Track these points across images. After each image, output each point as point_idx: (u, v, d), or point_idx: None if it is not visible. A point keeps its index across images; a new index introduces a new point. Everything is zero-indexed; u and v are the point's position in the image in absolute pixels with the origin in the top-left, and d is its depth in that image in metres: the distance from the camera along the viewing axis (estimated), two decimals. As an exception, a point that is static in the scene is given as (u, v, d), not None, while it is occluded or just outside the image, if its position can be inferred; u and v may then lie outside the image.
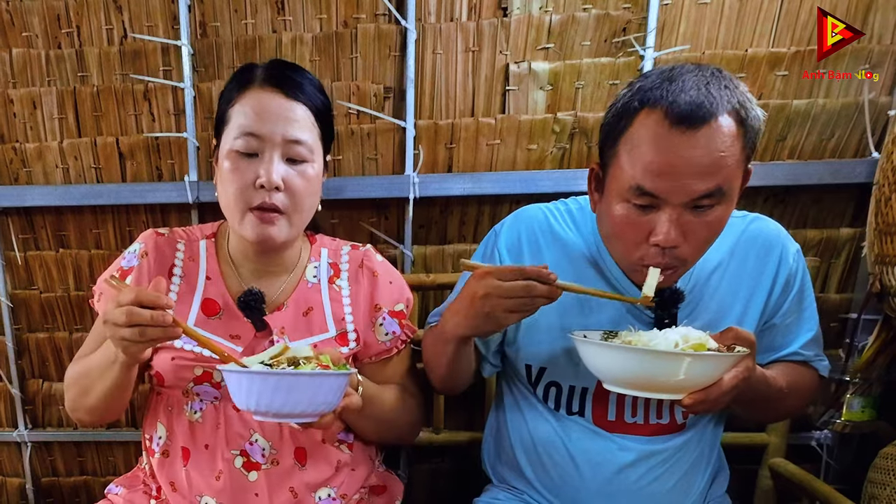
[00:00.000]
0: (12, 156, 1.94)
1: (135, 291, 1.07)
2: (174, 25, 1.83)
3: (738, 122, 1.07)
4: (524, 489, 1.42)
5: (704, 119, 1.04)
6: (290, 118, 1.25)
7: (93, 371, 1.25)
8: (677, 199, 1.08)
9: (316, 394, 1.08)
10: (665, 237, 1.10)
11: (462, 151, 1.83)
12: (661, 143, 1.06)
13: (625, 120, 1.12)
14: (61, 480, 2.19)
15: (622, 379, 1.09)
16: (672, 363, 1.04)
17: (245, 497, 1.33)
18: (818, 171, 1.71)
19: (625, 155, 1.11)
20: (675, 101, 1.05)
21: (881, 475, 1.53)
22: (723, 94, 1.06)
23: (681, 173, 1.06)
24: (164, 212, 1.94)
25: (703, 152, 1.04)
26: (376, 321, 1.41)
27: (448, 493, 1.99)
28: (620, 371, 1.09)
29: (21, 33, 1.89)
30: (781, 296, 1.31)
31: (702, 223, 1.11)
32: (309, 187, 1.29)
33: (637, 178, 1.09)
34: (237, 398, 1.10)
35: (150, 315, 1.05)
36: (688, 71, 1.09)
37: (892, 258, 1.48)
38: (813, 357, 1.36)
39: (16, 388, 2.08)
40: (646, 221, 1.12)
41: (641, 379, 1.07)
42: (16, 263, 2.02)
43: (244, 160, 1.25)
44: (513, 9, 1.76)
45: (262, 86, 1.27)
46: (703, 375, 1.05)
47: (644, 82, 1.12)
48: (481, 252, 1.43)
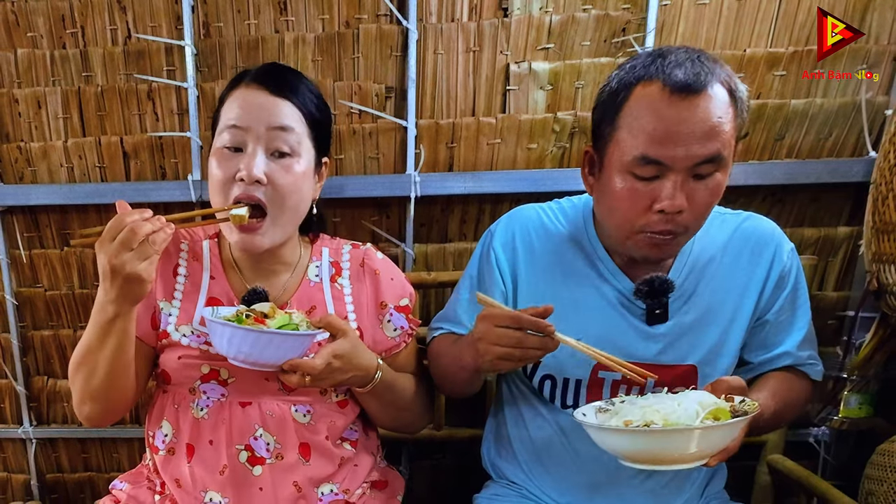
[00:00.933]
0: (17, 155, 1.94)
1: (116, 220, 1.09)
2: (178, 26, 1.84)
3: (730, 93, 1.11)
4: (523, 485, 1.42)
5: (702, 86, 1.08)
6: (275, 111, 1.25)
7: (91, 344, 1.21)
8: (681, 164, 1.10)
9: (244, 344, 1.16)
10: (671, 203, 1.11)
11: (463, 151, 1.83)
12: (662, 111, 1.09)
13: (622, 95, 1.14)
14: (66, 477, 2.20)
15: (635, 458, 1.07)
16: (683, 438, 1.02)
17: (249, 491, 1.33)
18: (816, 170, 1.72)
19: (625, 128, 1.14)
20: (673, 72, 1.09)
21: (878, 471, 1.53)
22: (713, 66, 1.11)
23: (683, 138, 1.08)
24: (168, 211, 1.90)
25: (703, 117, 1.08)
26: (384, 318, 1.42)
27: (449, 489, 2.00)
28: (631, 451, 1.07)
29: (26, 33, 1.89)
30: (774, 293, 1.31)
31: (703, 189, 1.13)
32: (293, 183, 1.27)
33: (640, 147, 1.11)
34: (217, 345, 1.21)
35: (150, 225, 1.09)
36: (676, 49, 1.13)
37: (888, 256, 1.48)
38: (806, 360, 1.36)
39: (21, 386, 2.08)
40: (649, 191, 1.13)
41: (656, 456, 1.05)
42: (21, 262, 2.02)
43: (228, 154, 1.25)
44: (513, 9, 1.77)
45: (248, 84, 1.27)
46: (723, 441, 1.04)
47: (635, 62, 1.16)
48: (478, 251, 1.44)
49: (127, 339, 1.20)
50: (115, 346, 1.19)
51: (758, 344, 1.35)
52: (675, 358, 1.31)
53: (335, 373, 1.23)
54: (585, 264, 1.33)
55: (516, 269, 1.37)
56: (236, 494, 1.33)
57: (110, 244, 1.07)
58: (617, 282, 1.31)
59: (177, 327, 1.33)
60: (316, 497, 1.37)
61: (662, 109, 1.09)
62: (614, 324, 1.31)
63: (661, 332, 1.30)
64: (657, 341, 1.30)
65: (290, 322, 1.20)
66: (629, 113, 1.13)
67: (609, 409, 1.15)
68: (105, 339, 1.18)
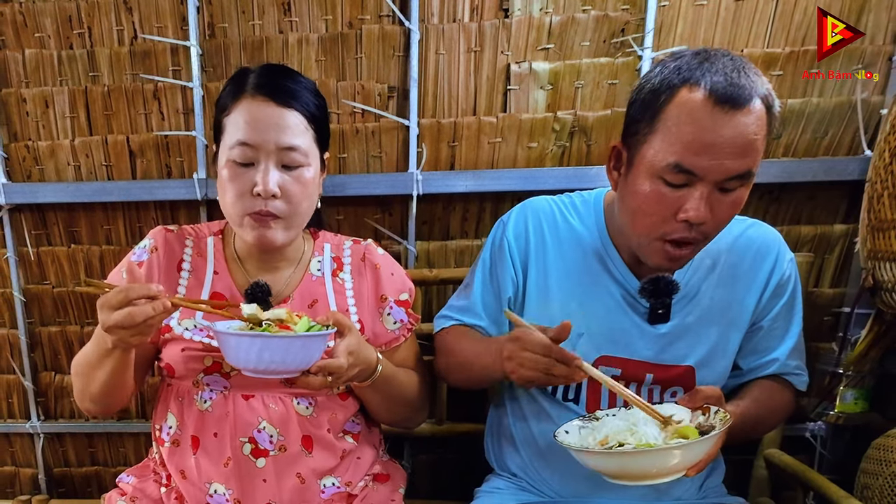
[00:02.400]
0: (25, 154, 1.94)
1: (124, 292, 1.07)
2: (183, 26, 1.84)
3: (767, 109, 1.08)
4: (525, 477, 1.43)
5: (746, 101, 1.05)
6: (283, 126, 1.24)
7: (91, 360, 1.25)
8: (712, 177, 1.09)
9: (276, 352, 1.12)
10: (696, 213, 1.10)
11: (464, 149, 1.83)
12: (703, 121, 1.06)
13: (664, 96, 1.11)
14: (73, 471, 2.20)
15: (621, 476, 1.09)
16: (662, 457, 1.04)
17: (253, 483, 1.33)
18: (812, 168, 1.72)
19: (662, 132, 1.11)
20: (718, 81, 1.06)
21: (874, 465, 1.54)
22: (756, 80, 1.07)
23: (719, 152, 1.07)
24: (174, 208, 1.95)
25: (740, 132, 1.06)
26: (384, 311, 1.42)
27: (450, 483, 2.00)
28: (617, 471, 1.09)
29: (34, 34, 1.89)
30: (772, 300, 1.31)
31: (726, 202, 1.12)
32: (305, 191, 1.29)
33: (676, 155, 1.09)
34: (225, 355, 1.16)
35: (150, 309, 1.06)
36: (723, 55, 1.10)
37: (884, 254, 1.48)
38: (793, 369, 1.37)
39: (28, 381, 2.09)
40: (675, 198, 1.12)
41: (639, 474, 1.07)
42: (29, 259, 2.03)
43: (241, 169, 1.25)
44: (514, 10, 1.77)
45: (253, 95, 1.25)
46: (696, 456, 1.06)
47: (679, 62, 1.11)
48: (490, 242, 1.44)
49: (125, 362, 1.22)
50: (113, 367, 1.21)
51: (750, 349, 1.35)
52: (674, 358, 1.31)
53: (349, 369, 1.23)
54: (595, 261, 1.33)
55: (528, 259, 1.37)
56: (240, 486, 1.34)
57: (109, 313, 1.06)
58: (624, 280, 1.31)
59: (179, 321, 1.33)
60: (319, 489, 1.37)
61: (704, 120, 1.06)
62: (617, 320, 1.32)
63: (662, 332, 1.30)
64: (658, 340, 1.31)
65: (316, 325, 1.19)
66: (669, 117, 1.10)
67: (587, 427, 1.19)
68: (104, 360, 1.21)
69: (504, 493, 1.42)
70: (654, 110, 1.12)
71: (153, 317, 1.07)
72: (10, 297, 2.04)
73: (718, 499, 1.40)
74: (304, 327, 1.16)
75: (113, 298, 1.07)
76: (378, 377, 1.31)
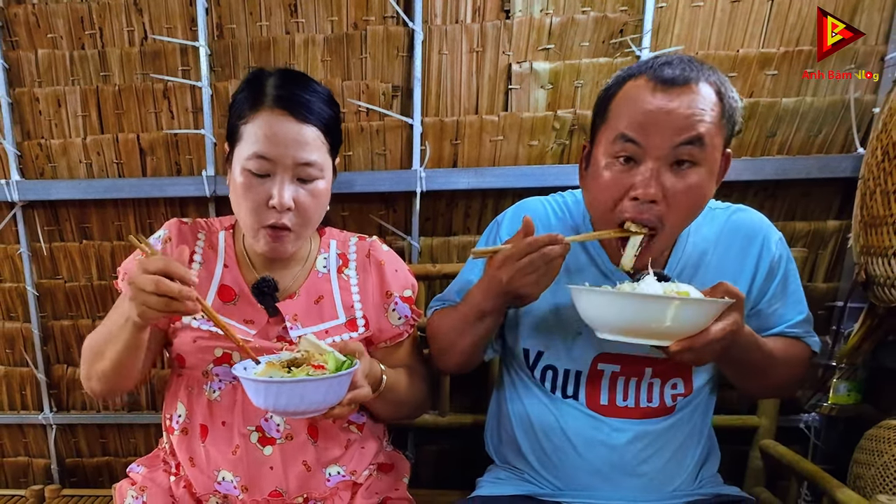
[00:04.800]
0: (38, 152, 1.95)
1: (164, 261, 1.07)
2: (192, 27, 1.84)
3: (717, 95, 1.11)
4: (524, 468, 1.43)
5: (685, 81, 1.09)
6: (301, 142, 1.24)
7: (106, 335, 1.25)
8: (656, 150, 1.10)
9: (315, 394, 1.12)
10: (644, 189, 1.11)
11: (467, 147, 1.83)
12: (645, 98, 1.11)
13: (612, 89, 1.17)
14: (85, 461, 2.21)
15: (613, 325, 1.09)
16: (659, 306, 1.04)
17: (260, 470, 1.34)
18: (806, 165, 1.72)
19: (612, 120, 1.15)
20: (661, 68, 1.11)
21: (866, 456, 1.53)
22: (704, 69, 1.11)
23: (661, 124, 1.09)
24: (183, 205, 1.95)
25: (682, 106, 1.09)
26: (389, 307, 1.42)
27: (452, 473, 2.00)
28: (610, 316, 1.09)
29: (46, 35, 1.90)
30: (765, 282, 1.30)
31: (681, 185, 1.12)
32: (318, 203, 1.29)
33: (621, 127, 1.13)
34: (254, 400, 1.15)
35: (178, 289, 1.05)
36: (678, 57, 1.14)
37: (876, 249, 1.48)
38: (803, 333, 1.34)
39: (41, 373, 2.09)
40: (627, 178, 1.14)
41: (631, 324, 1.06)
42: (41, 254, 2.03)
43: (257, 179, 1.24)
44: (515, 11, 1.77)
45: (272, 108, 1.23)
46: (690, 321, 1.05)
47: (632, 65, 1.19)
48: (484, 241, 1.44)
49: (139, 338, 1.21)
50: (126, 341, 1.20)
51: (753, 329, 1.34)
52: None
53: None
54: (586, 258, 1.32)
55: None
56: (248, 473, 1.34)
57: (142, 274, 1.07)
58: (614, 277, 1.30)
59: None
60: (325, 477, 1.37)
61: (646, 97, 1.11)
62: None
63: None
64: None
65: (347, 360, 1.19)
66: (617, 104, 1.15)
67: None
68: (119, 333, 1.21)
69: (504, 484, 1.42)
70: (605, 103, 1.18)
71: (176, 297, 1.06)
72: (24, 292, 2.04)
73: (714, 489, 1.39)
74: (334, 366, 1.17)
75: (152, 264, 1.07)
76: (384, 388, 1.32)
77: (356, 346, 1.23)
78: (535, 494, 1.39)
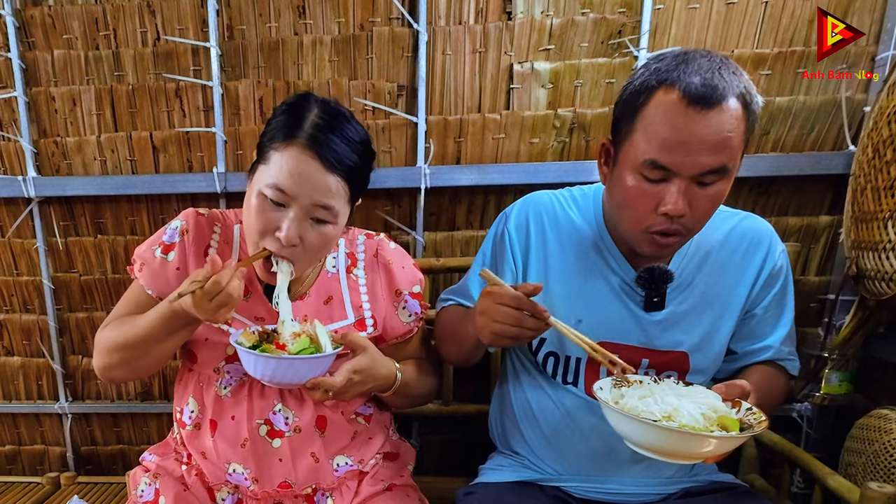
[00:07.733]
0: (54, 149, 1.95)
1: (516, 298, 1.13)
2: (203, 28, 1.84)
3: (744, 106, 1.07)
4: (526, 455, 1.42)
5: (717, 101, 1.05)
6: (323, 188, 1.19)
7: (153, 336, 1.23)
8: (687, 172, 1.09)
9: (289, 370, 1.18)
10: (674, 207, 1.10)
11: (469, 145, 1.84)
12: (677, 121, 1.06)
13: (643, 97, 1.11)
14: (99, 449, 2.22)
15: (648, 447, 1.05)
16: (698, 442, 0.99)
17: (269, 462, 1.33)
18: (799, 162, 1.72)
19: (641, 131, 1.11)
20: (692, 82, 1.06)
21: (857, 444, 1.54)
22: (732, 79, 1.07)
23: (692, 149, 1.07)
24: (195, 201, 1.95)
25: (713, 131, 1.05)
26: (399, 305, 1.42)
27: (457, 460, 2.00)
28: (647, 442, 1.04)
29: (62, 35, 1.90)
30: (764, 289, 1.31)
31: (705, 196, 1.11)
32: (325, 243, 1.26)
33: (652, 152, 1.10)
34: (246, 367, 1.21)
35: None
36: (701, 56, 1.09)
37: (867, 243, 1.48)
38: (787, 355, 1.36)
39: (57, 364, 2.10)
40: (655, 192, 1.12)
41: (667, 449, 1.03)
42: (57, 248, 2.03)
43: (271, 206, 1.20)
44: (516, 13, 1.77)
45: (303, 148, 1.18)
46: (724, 449, 1.02)
47: (660, 63, 1.11)
48: (492, 233, 1.44)
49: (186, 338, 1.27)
50: (177, 343, 1.26)
51: (744, 335, 1.35)
52: (668, 344, 1.31)
53: (355, 386, 1.24)
54: (594, 252, 1.32)
55: (528, 251, 1.36)
56: (257, 465, 1.33)
57: (207, 302, 1.12)
58: (621, 270, 1.30)
59: None
60: (332, 468, 1.37)
61: (677, 119, 1.06)
62: (614, 309, 1.31)
63: (657, 319, 1.30)
64: (653, 327, 1.30)
65: (309, 346, 1.21)
66: (647, 116, 1.10)
67: (623, 386, 1.15)
68: (171, 338, 1.25)
69: (506, 471, 1.42)
70: (634, 110, 1.13)
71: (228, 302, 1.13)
72: (40, 285, 2.05)
73: (710, 476, 1.39)
74: (298, 349, 1.20)
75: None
76: (399, 384, 1.33)
77: (356, 340, 1.22)
78: (535, 480, 1.39)
